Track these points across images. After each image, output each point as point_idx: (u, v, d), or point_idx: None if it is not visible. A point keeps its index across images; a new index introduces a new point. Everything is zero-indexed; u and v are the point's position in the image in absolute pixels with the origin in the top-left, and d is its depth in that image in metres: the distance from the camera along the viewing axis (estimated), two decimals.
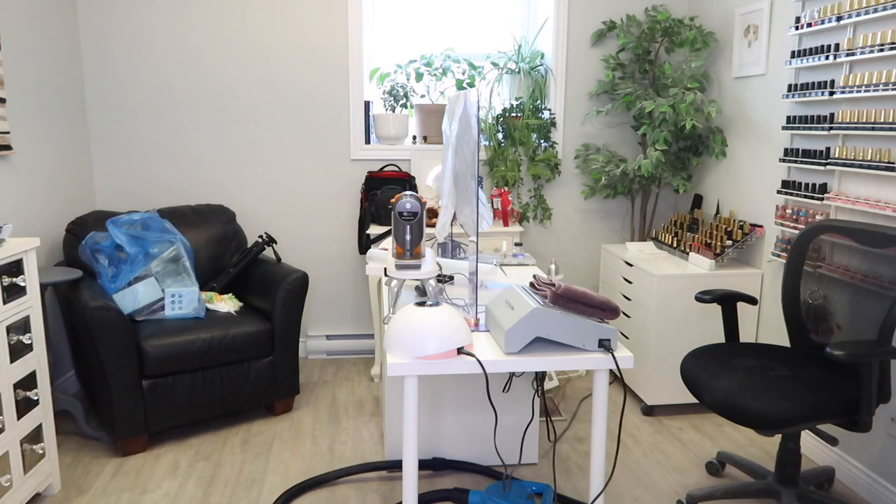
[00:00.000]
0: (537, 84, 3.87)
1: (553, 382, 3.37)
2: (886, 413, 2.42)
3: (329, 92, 3.74)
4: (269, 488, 2.56)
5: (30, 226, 3.01)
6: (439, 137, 3.79)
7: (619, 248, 3.63)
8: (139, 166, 3.68)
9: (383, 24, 3.88)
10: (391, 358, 1.73)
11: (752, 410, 2.07)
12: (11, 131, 2.87)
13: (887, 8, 2.33)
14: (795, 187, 2.85)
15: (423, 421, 2.67)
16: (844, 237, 2.32)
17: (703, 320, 3.11)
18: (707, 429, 3.09)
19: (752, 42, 3.21)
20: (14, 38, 2.91)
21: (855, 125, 2.51)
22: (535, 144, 3.85)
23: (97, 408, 2.85)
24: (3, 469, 2.16)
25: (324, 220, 3.87)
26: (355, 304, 3.98)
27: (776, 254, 2.95)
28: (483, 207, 2.35)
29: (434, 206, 3.57)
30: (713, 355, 2.40)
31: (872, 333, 2.15)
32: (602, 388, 1.81)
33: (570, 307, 1.79)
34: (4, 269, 2.18)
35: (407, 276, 2.01)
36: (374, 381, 3.61)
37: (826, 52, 2.65)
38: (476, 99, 1.89)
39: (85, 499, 2.47)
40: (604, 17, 3.83)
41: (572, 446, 2.92)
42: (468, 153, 2.01)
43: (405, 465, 1.80)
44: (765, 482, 2.41)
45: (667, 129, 3.41)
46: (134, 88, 3.62)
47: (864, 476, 2.54)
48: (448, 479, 2.65)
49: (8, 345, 2.19)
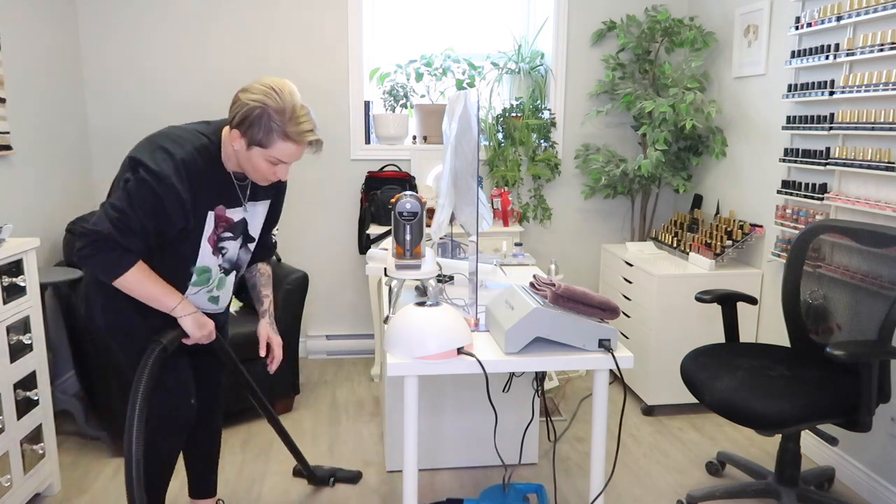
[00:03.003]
0: (537, 84, 3.87)
1: (553, 382, 3.37)
2: (886, 413, 2.42)
3: (329, 92, 3.74)
4: (269, 488, 2.56)
5: (30, 226, 3.01)
6: (439, 137, 3.79)
7: (619, 248, 3.62)
8: None
9: (383, 24, 3.88)
10: (391, 358, 1.73)
11: (752, 410, 2.07)
12: (11, 131, 2.87)
13: (887, 8, 2.33)
14: (795, 187, 2.85)
15: (423, 421, 2.67)
16: (844, 237, 2.32)
17: (703, 320, 3.11)
18: (707, 429, 3.09)
19: (752, 42, 3.21)
20: (14, 38, 2.91)
21: (855, 125, 2.51)
22: (535, 144, 3.85)
23: (97, 408, 2.85)
24: (3, 469, 2.16)
25: (324, 220, 3.87)
26: (355, 304, 3.98)
27: (776, 254, 2.95)
28: (483, 207, 2.35)
29: (434, 207, 3.57)
30: (713, 355, 2.39)
31: (872, 333, 2.15)
32: (602, 388, 1.81)
33: (570, 307, 1.79)
34: (4, 269, 2.18)
35: (407, 276, 2.00)
36: (374, 381, 3.61)
37: (826, 52, 2.65)
38: (476, 99, 1.89)
39: (85, 499, 2.47)
40: (604, 17, 3.83)
41: (572, 446, 2.92)
42: (468, 153, 2.01)
43: (405, 465, 1.80)
44: (765, 482, 2.41)
45: (667, 129, 3.41)
46: (134, 88, 3.62)
47: (864, 476, 2.54)
48: (448, 481, 2.65)
49: (8, 345, 2.19)
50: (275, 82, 1.71)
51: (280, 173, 1.78)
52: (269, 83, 1.70)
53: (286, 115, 1.68)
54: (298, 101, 1.72)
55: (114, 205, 1.68)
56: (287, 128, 1.69)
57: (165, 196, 1.68)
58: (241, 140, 1.72)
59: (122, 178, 1.73)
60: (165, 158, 1.70)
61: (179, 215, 1.73)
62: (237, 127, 1.70)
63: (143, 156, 1.70)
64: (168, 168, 1.69)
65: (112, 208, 1.68)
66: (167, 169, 1.68)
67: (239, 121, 1.69)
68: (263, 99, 1.67)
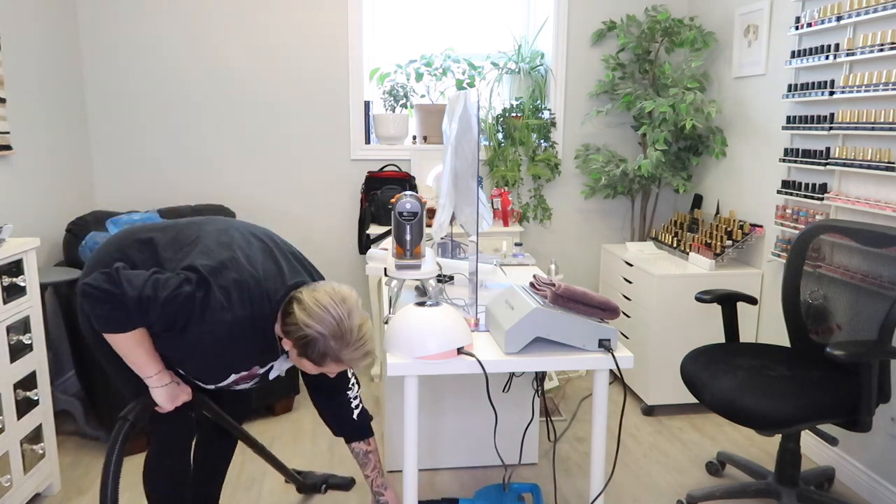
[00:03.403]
0: (537, 84, 3.87)
1: (553, 382, 3.37)
2: (886, 413, 2.42)
3: (329, 92, 3.74)
4: (268, 488, 2.56)
5: (30, 226, 3.01)
6: (439, 137, 3.79)
7: (619, 248, 3.63)
8: (139, 166, 3.68)
9: (383, 24, 3.88)
10: (391, 358, 1.73)
11: (752, 410, 2.07)
12: (11, 131, 2.87)
13: (887, 8, 2.33)
14: (795, 187, 2.85)
15: (423, 421, 2.67)
16: (844, 237, 2.32)
17: (703, 320, 3.11)
18: (707, 429, 3.09)
19: (752, 42, 3.21)
20: (14, 38, 2.91)
21: (855, 125, 2.51)
22: (535, 144, 3.85)
23: (97, 408, 2.85)
24: (3, 469, 2.16)
25: (324, 220, 3.87)
26: None
27: (776, 254, 2.95)
28: (483, 207, 2.35)
29: (434, 206, 3.57)
30: (713, 355, 2.39)
31: (872, 333, 2.15)
32: (602, 388, 1.81)
33: (570, 307, 1.79)
34: (4, 269, 2.17)
35: (407, 276, 2.00)
36: (374, 381, 3.61)
37: (826, 52, 2.65)
38: (476, 99, 1.89)
39: (85, 499, 2.47)
40: (604, 17, 3.82)
41: (572, 446, 2.92)
42: (468, 153, 2.01)
43: (405, 465, 1.80)
44: (765, 482, 2.41)
45: (667, 129, 3.41)
46: (134, 89, 3.62)
47: (864, 476, 2.54)
48: (448, 481, 2.65)
49: (8, 345, 2.19)
50: (338, 305, 1.60)
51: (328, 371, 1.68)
52: (331, 308, 1.59)
53: (343, 342, 1.60)
54: (356, 323, 1.61)
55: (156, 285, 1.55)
56: (342, 354, 1.61)
57: (194, 332, 1.57)
58: (293, 349, 1.63)
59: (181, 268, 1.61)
60: (223, 307, 1.57)
61: (193, 362, 1.64)
62: (289, 339, 1.61)
63: (209, 274, 1.58)
64: (217, 316, 1.57)
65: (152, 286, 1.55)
66: (216, 316, 1.57)
67: (295, 338, 1.60)
68: (321, 329, 1.57)
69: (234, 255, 1.66)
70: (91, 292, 1.54)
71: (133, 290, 1.54)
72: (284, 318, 1.63)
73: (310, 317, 1.57)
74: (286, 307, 1.63)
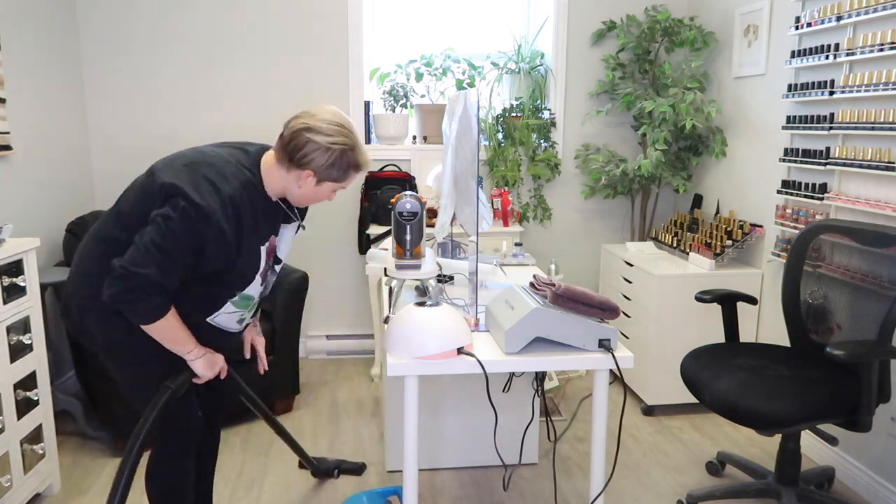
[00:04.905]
0: (537, 84, 3.87)
1: (553, 382, 3.37)
2: (886, 413, 2.42)
3: (329, 92, 3.74)
4: (268, 488, 2.56)
5: (30, 226, 3.01)
6: (439, 137, 3.79)
7: (619, 248, 3.63)
8: (139, 167, 3.67)
9: (383, 24, 3.88)
10: (391, 358, 1.73)
11: (752, 410, 2.07)
12: (11, 131, 2.87)
13: (887, 8, 2.33)
14: (795, 187, 2.85)
15: (423, 421, 2.67)
16: (844, 237, 2.32)
17: (703, 320, 3.11)
18: (707, 429, 3.09)
19: (752, 42, 3.21)
20: (14, 38, 2.91)
21: (855, 125, 2.51)
22: (535, 144, 3.85)
23: (97, 408, 2.84)
24: (3, 469, 2.16)
25: (323, 220, 3.87)
26: (355, 304, 3.98)
27: (776, 254, 2.95)
28: (483, 207, 2.34)
29: (434, 206, 3.57)
30: (713, 355, 2.39)
31: (872, 333, 2.15)
32: (602, 388, 1.80)
33: (570, 307, 1.79)
34: (4, 269, 2.17)
35: (407, 276, 2.00)
36: (374, 381, 3.61)
37: (826, 51, 2.65)
38: (476, 99, 1.89)
39: (85, 499, 2.47)
40: (604, 17, 3.82)
41: (572, 446, 2.92)
42: (468, 153, 2.01)
43: (405, 465, 1.80)
44: (765, 482, 2.41)
45: (667, 129, 3.41)
46: (134, 89, 3.62)
47: (864, 476, 2.54)
48: (448, 481, 2.65)
49: (8, 345, 2.19)
50: (339, 118, 1.72)
51: (333, 195, 1.80)
52: (337, 121, 1.70)
53: (359, 148, 1.73)
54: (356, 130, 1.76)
55: (156, 243, 1.56)
56: (360, 158, 1.73)
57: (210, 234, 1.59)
58: (312, 178, 1.70)
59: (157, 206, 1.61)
60: (211, 192, 1.60)
61: (221, 258, 1.65)
62: (311, 168, 1.68)
63: (184, 186, 1.59)
64: (215, 204, 1.59)
65: (155, 247, 1.55)
66: (214, 205, 1.59)
67: (319, 163, 1.68)
68: (343, 140, 1.69)
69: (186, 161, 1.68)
70: (122, 298, 1.57)
71: (146, 267, 1.55)
72: (295, 157, 1.67)
73: (329, 136, 1.67)
74: (293, 143, 1.67)
